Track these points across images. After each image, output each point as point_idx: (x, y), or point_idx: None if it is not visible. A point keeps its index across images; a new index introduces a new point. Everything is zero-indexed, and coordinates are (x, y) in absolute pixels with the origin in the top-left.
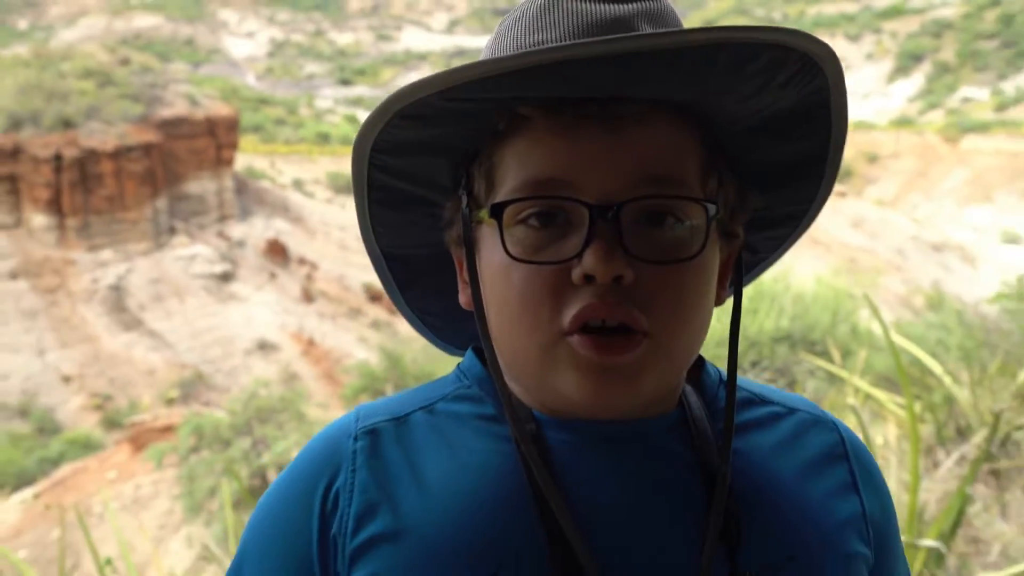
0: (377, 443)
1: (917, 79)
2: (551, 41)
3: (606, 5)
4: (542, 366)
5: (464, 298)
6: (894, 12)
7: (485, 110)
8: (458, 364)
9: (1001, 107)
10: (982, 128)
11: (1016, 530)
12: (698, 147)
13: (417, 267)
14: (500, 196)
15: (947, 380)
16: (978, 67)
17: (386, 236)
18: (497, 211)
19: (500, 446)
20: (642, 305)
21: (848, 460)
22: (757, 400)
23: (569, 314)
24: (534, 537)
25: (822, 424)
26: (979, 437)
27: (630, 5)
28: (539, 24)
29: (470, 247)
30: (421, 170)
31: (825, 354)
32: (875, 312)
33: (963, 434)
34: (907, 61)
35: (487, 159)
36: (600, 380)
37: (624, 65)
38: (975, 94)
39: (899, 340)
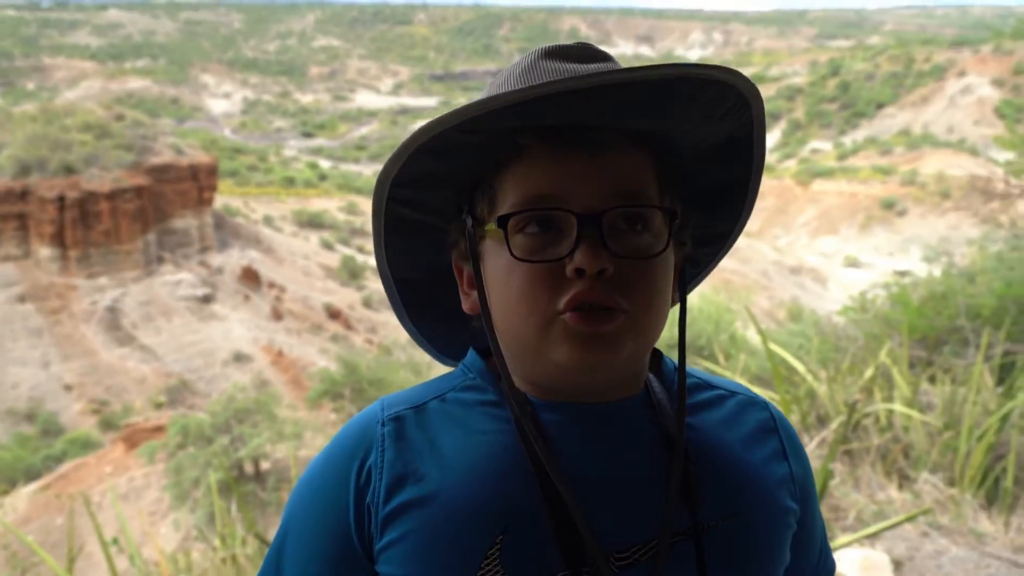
0: (401, 427)
1: (776, 134)
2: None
3: (578, 65)
4: (540, 342)
5: (468, 304)
6: (757, 79)
7: (488, 144)
8: (462, 361)
9: (842, 157)
10: (827, 174)
11: (866, 499)
12: (655, 170)
13: (419, 288)
14: (503, 211)
15: (809, 378)
16: (823, 125)
17: (395, 260)
18: (503, 222)
19: (503, 426)
20: (621, 291)
21: (778, 432)
22: (705, 385)
23: (563, 299)
24: (535, 500)
25: (757, 404)
26: (836, 423)
27: (595, 65)
28: (526, 80)
29: (475, 259)
30: (431, 200)
31: (711, 357)
32: (755, 323)
33: (823, 421)
34: (768, 120)
35: (488, 186)
36: (587, 346)
37: (605, 96)
38: (821, 146)
39: (771, 346)
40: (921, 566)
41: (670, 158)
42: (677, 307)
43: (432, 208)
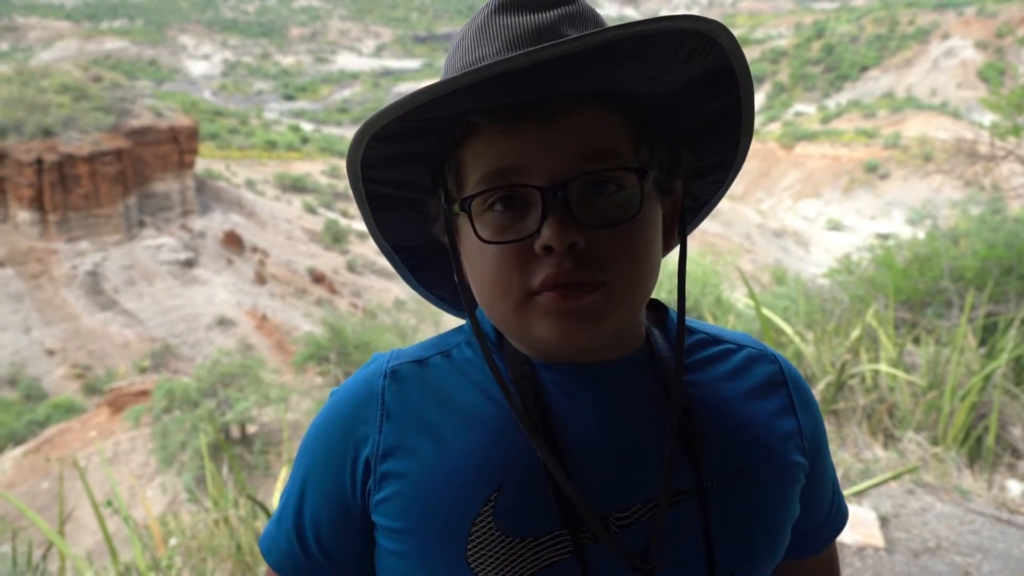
0: (405, 380)
1: (760, 97)
2: (490, 55)
3: (532, 15)
4: (519, 322)
5: (456, 275)
6: (742, 42)
7: (443, 123)
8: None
9: (825, 120)
10: (811, 137)
11: (853, 458)
12: (624, 123)
13: (421, 254)
14: (467, 191)
15: (796, 339)
16: (807, 88)
17: (390, 233)
18: (465, 204)
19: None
20: (597, 263)
21: (787, 386)
22: (712, 340)
23: (536, 280)
24: (532, 459)
25: (765, 358)
26: (823, 384)
27: (553, 12)
28: (478, 41)
29: (452, 236)
30: (406, 177)
31: (700, 319)
32: (747, 285)
33: (810, 382)
34: (752, 82)
35: (454, 162)
36: (567, 322)
37: (541, 72)
38: (805, 109)
39: (762, 309)
40: (907, 522)
41: (641, 107)
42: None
43: (412, 185)
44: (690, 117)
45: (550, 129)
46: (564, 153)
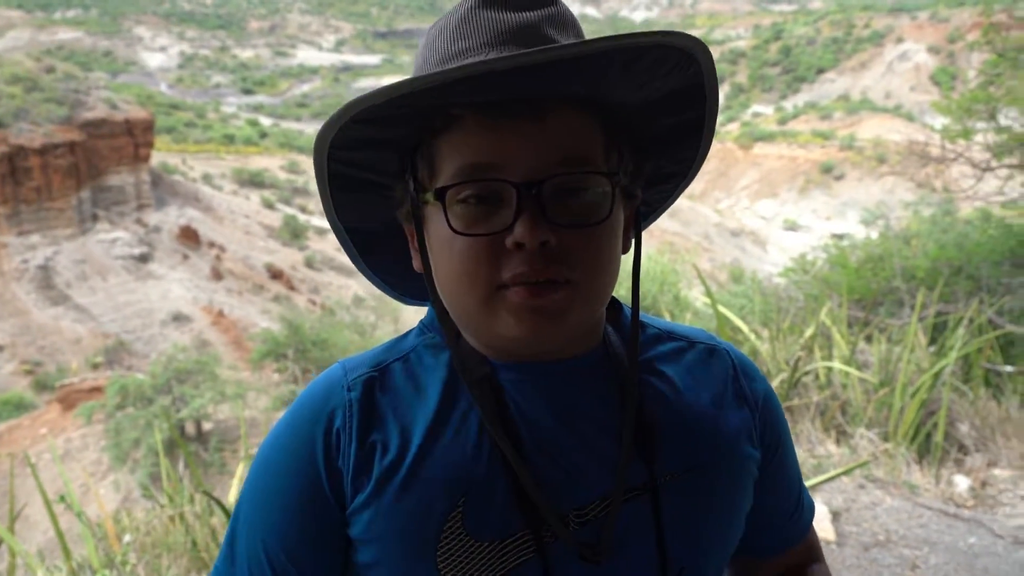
0: (368, 391)
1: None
2: (472, 49)
3: (515, 14)
4: (484, 315)
5: (416, 263)
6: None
7: (425, 112)
8: (421, 320)
9: (783, 121)
10: (768, 138)
11: (806, 453)
12: (600, 130)
13: (375, 238)
14: (441, 181)
15: (752, 337)
16: (765, 89)
17: (346, 214)
18: (440, 194)
19: (464, 388)
20: (565, 261)
21: (738, 379)
22: (665, 336)
23: (505, 274)
24: (494, 463)
25: (718, 352)
26: (777, 381)
27: (535, 12)
28: (460, 33)
29: (419, 223)
30: (372, 160)
31: (658, 316)
32: (704, 284)
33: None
34: None
35: (427, 150)
36: (533, 319)
37: (536, 73)
38: (763, 110)
39: (719, 307)
40: (858, 516)
41: (615, 115)
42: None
43: (376, 168)
44: (656, 127)
45: (533, 128)
46: (543, 153)
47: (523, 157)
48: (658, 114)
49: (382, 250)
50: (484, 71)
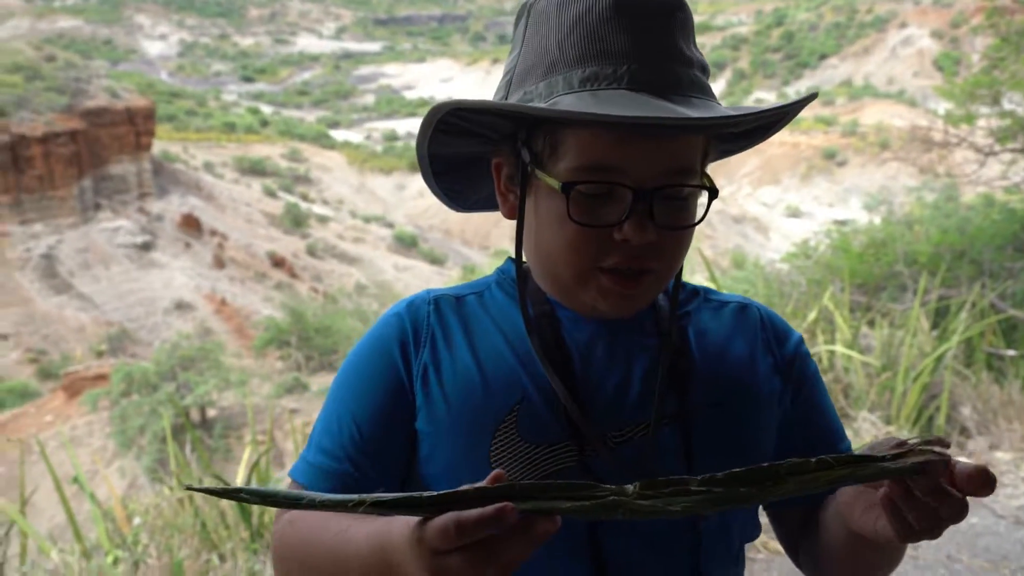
0: (446, 308)
1: (720, 84)
2: (617, 54)
3: (650, 20)
4: (575, 285)
5: (506, 211)
6: (703, 28)
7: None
8: (499, 267)
9: None
10: None
11: None
12: (703, 145)
13: (456, 163)
14: (562, 166)
15: None
16: (767, 75)
17: (434, 146)
18: (567, 188)
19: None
20: (656, 254)
21: (766, 329)
22: (702, 294)
23: (605, 260)
24: (547, 382)
25: (749, 308)
26: None
27: (669, 19)
28: (605, 30)
29: (523, 188)
30: (490, 123)
31: None
32: (710, 269)
33: None
34: (712, 69)
35: (551, 131)
36: (618, 302)
37: (669, 129)
38: (765, 96)
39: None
40: None
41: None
42: None
43: (487, 125)
44: (741, 138)
45: (654, 144)
46: (656, 164)
47: (643, 166)
48: (741, 135)
49: (455, 174)
50: (630, 123)
